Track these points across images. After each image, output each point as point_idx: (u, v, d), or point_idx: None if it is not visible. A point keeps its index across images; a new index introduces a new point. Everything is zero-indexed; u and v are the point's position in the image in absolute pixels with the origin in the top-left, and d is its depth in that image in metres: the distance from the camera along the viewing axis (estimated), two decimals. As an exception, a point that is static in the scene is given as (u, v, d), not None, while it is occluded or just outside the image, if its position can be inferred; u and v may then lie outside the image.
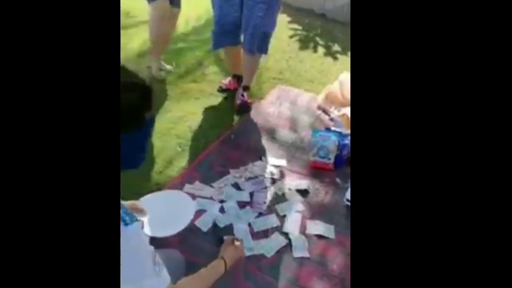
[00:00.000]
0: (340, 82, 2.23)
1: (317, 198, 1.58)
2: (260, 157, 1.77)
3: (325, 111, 2.14)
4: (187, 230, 1.37)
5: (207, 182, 1.62)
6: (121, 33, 2.72)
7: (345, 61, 2.85)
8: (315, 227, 1.43)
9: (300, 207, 1.52)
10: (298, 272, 1.28)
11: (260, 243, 1.36)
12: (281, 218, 1.47)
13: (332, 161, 1.72)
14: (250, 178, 1.64)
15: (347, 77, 2.25)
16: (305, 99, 2.25)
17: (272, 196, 1.56)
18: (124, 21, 3.22)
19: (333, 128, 1.88)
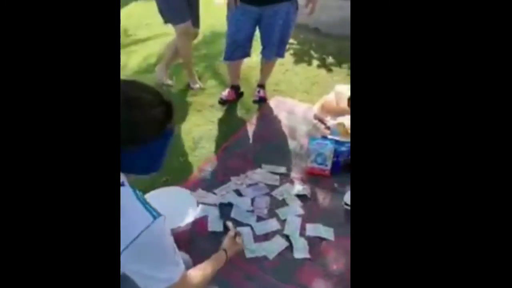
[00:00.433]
0: (336, 93, 2.31)
1: (316, 202, 1.63)
2: (260, 165, 1.83)
3: (321, 120, 2.22)
4: (193, 233, 1.43)
5: (209, 189, 1.67)
6: (121, 51, 2.83)
7: (339, 73, 2.94)
8: (315, 230, 1.48)
9: (300, 211, 1.57)
10: (299, 273, 1.32)
11: (262, 245, 1.41)
12: (281, 222, 1.51)
13: (329, 167, 1.78)
14: (251, 185, 1.70)
15: (342, 88, 2.34)
16: (302, 109, 2.33)
17: (273, 201, 1.62)
18: (123, 39, 3.31)
19: (329, 136, 1.95)
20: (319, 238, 1.45)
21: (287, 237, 1.45)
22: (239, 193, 1.65)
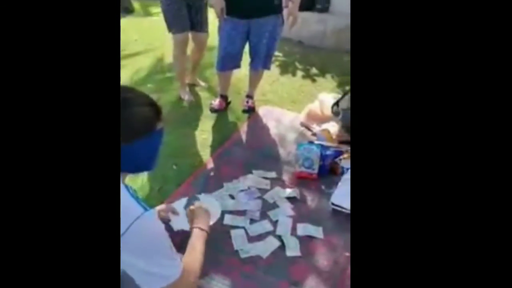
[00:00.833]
0: (320, 101, 2.42)
1: (305, 203, 1.71)
2: (251, 170, 1.90)
3: (308, 127, 2.31)
4: (184, 237, 1.48)
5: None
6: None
7: (322, 82, 3.07)
8: (305, 229, 1.55)
9: (290, 212, 1.64)
10: (292, 270, 1.39)
11: (255, 246, 1.47)
12: (273, 223, 1.58)
13: (316, 171, 1.86)
14: (243, 190, 1.76)
15: (325, 96, 2.45)
16: (289, 118, 2.43)
17: (264, 204, 1.69)
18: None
19: (315, 142, 2.04)
20: (309, 237, 1.52)
21: (279, 237, 1.51)
22: (232, 197, 1.72)
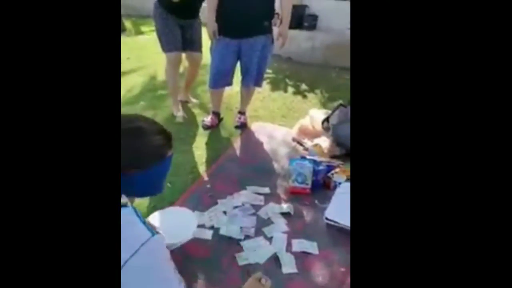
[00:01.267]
0: (311, 117, 2.45)
1: (299, 219, 1.70)
2: (245, 186, 1.89)
3: (299, 142, 2.33)
4: (185, 258, 1.45)
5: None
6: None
7: (312, 98, 3.11)
8: (300, 245, 1.54)
9: (284, 228, 1.63)
10: (289, 287, 1.37)
11: (252, 254, 1.47)
12: (268, 239, 1.57)
13: (309, 186, 1.87)
14: (237, 206, 1.75)
15: (316, 112, 2.48)
16: (281, 133, 2.44)
17: (259, 220, 1.67)
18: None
19: (307, 157, 2.05)
20: (304, 253, 1.51)
21: (274, 254, 1.50)
22: (226, 214, 1.70)
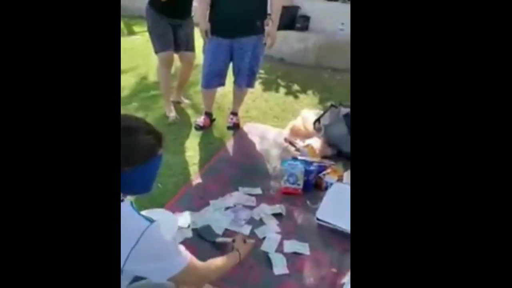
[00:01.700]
0: (302, 117, 2.44)
1: (291, 219, 1.69)
2: (237, 187, 1.87)
3: (291, 143, 2.32)
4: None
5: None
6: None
7: (304, 98, 3.10)
8: (291, 246, 1.53)
9: (277, 229, 1.61)
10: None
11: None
12: (260, 240, 1.55)
13: (301, 186, 1.86)
14: (229, 207, 1.73)
15: (307, 112, 2.47)
16: (273, 134, 2.43)
17: (251, 221, 1.66)
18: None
19: (299, 157, 2.04)
20: (295, 253, 1.50)
21: (266, 254, 1.48)
22: (218, 215, 1.68)
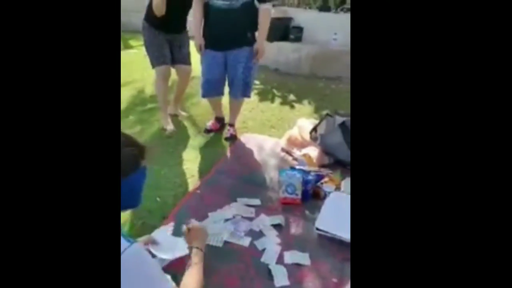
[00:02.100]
0: (299, 127, 2.44)
1: (291, 230, 1.68)
2: (236, 198, 1.86)
3: (289, 153, 2.31)
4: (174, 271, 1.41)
5: (188, 227, 1.67)
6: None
7: (300, 108, 3.11)
8: (291, 257, 1.51)
9: (276, 240, 1.60)
10: (281, 300, 1.34)
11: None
12: (260, 252, 1.54)
13: (299, 196, 1.85)
14: (228, 219, 1.72)
15: (304, 122, 2.47)
16: (270, 144, 2.42)
17: (250, 233, 1.64)
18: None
19: (297, 167, 2.04)
20: (296, 264, 1.48)
21: (266, 266, 1.46)
22: (218, 227, 1.66)
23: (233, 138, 2.50)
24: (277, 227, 1.68)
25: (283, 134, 2.51)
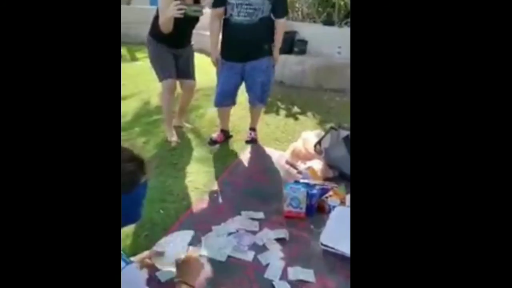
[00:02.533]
0: (303, 139, 2.43)
1: (295, 244, 1.64)
2: (239, 212, 1.84)
3: (293, 166, 2.29)
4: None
5: (191, 240, 1.64)
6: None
7: (304, 121, 3.10)
8: (296, 273, 1.48)
9: (280, 254, 1.57)
10: (285, 318, 1.30)
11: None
12: (264, 267, 1.50)
13: (304, 210, 1.82)
14: (232, 233, 1.69)
15: (308, 134, 2.46)
16: (274, 156, 2.41)
17: (254, 247, 1.61)
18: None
19: (301, 180, 2.01)
20: (300, 281, 1.45)
21: (270, 282, 1.43)
22: (221, 241, 1.63)
23: (253, 141, 2.61)
24: (281, 241, 1.65)
25: (288, 146, 2.50)
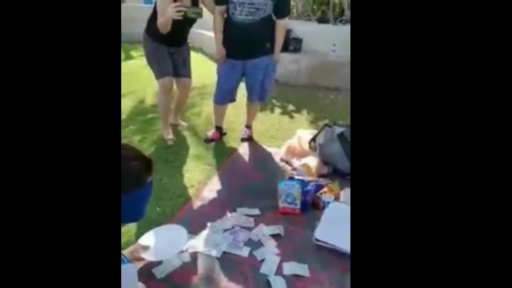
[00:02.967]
0: (298, 137, 2.44)
1: (290, 240, 1.66)
2: (235, 208, 1.85)
3: (288, 162, 2.31)
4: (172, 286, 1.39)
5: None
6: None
7: (299, 118, 3.12)
8: (290, 268, 1.49)
9: (275, 250, 1.58)
10: (280, 312, 1.32)
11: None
12: (259, 263, 1.52)
13: (298, 206, 1.84)
14: (227, 229, 1.70)
15: (303, 132, 2.48)
16: (269, 153, 2.42)
17: (249, 243, 1.63)
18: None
19: (296, 177, 2.03)
20: (295, 276, 1.46)
21: (265, 277, 1.44)
22: (217, 238, 1.65)
23: (249, 139, 2.62)
24: (276, 237, 1.67)
25: (283, 144, 2.51)
